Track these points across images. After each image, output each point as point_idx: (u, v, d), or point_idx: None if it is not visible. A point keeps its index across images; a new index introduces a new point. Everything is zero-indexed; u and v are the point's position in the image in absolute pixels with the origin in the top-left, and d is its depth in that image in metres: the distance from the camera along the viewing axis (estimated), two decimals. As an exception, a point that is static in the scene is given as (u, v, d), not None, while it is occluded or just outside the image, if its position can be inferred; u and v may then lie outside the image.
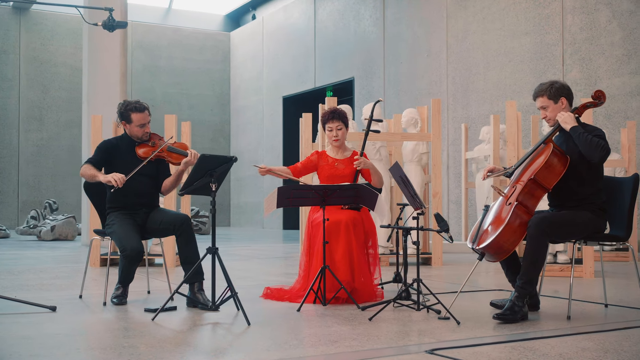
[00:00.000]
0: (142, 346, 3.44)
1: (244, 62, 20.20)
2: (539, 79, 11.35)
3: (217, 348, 3.41)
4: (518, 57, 11.82)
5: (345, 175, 5.28)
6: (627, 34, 10.16)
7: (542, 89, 4.43)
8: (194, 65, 20.37)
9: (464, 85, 12.86)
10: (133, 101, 4.93)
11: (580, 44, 10.81)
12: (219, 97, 20.68)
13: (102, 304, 4.81)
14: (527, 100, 11.53)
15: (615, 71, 10.28)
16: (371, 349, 3.41)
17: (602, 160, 4.14)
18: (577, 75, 10.81)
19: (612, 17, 10.37)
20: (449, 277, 6.68)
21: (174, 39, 20.09)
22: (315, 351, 3.35)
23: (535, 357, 3.18)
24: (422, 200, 4.29)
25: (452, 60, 13.15)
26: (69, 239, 13.20)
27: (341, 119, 5.28)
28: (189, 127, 8.44)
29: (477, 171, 10.61)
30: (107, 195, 4.94)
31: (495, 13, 12.32)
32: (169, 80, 19.93)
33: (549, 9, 11.32)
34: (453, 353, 3.29)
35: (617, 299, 5.00)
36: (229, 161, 4.36)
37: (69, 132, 18.37)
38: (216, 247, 4.34)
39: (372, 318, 4.21)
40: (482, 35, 12.54)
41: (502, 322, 4.08)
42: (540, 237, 4.10)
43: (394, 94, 14.40)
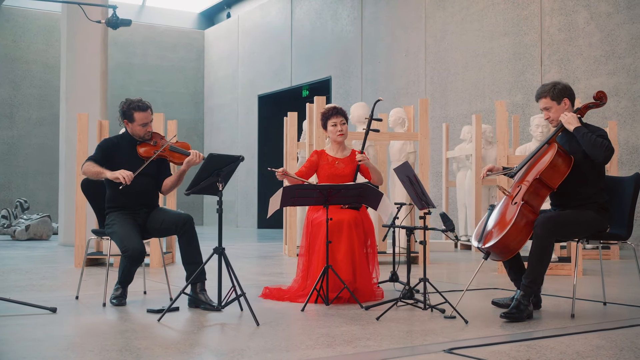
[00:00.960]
0: (157, 348, 3.41)
1: (218, 61, 20.09)
2: (518, 80, 11.49)
3: (235, 349, 3.38)
4: (497, 57, 11.95)
5: (346, 175, 5.28)
6: (605, 36, 10.33)
7: (545, 90, 4.48)
8: (168, 63, 20.20)
9: (443, 85, 12.96)
10: (136, 99, 4.87)
11: (559, 45, 10.97)
12: (192, 95, 20.54)
13: (102, 304, 4.75)
14: (506, 99, 11.65)
15: (594, 72, 10.44)
16: (388, 348, 3.42)
17: (607, 159, 4.20)
18: (555, 75, 10.96)
19: (590, 18, 10.53)
20: (438, 275, 6.74)
21: (147, 36, 19.90)
22: (334, 351, 3.34)
23: (554, 356, 3.22)
24: (431, 200, 4.31)
25: (431, 60, 13.24)
26: (43, 238, 13.00)
27: (343, 114, 5.30)
28: (175, 126, 8.39)
29: (458, 170, 10.71)
30: (107, 195, 4.88)
31: (473, 14, 12.43)
32: (142, 78, 19.73)
33: (528, 10, 11.46)
34: (472, 352, 3.31)
35: (612, 297, 5.07)
36: (236, 160, 4.34)
37: (40, 130, 18.07)
38: (223, 247, 4.31)
39: (379, 318, 4.22)
40: (460, 36, 12.65)
41: (509, 321, 4.11)
42: (547, 237, 4.15)
43: (371, 94, 14.44)
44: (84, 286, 5.77)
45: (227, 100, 19.69)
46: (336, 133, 5.30)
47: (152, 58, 19.99)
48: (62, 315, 4.40)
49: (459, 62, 12.65)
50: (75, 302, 4.94)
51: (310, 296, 4.69)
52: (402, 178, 4.52)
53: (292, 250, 8.92)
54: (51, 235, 13.29)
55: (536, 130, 7.21)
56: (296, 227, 9.06)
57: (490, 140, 10.10)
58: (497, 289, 5.62)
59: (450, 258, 8.76)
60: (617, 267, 7.56)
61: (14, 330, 3.89)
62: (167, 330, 3.91)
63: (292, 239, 8.96)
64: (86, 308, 4.71)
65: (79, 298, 5.08)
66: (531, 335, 3.74)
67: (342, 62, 15.46)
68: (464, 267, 7.67)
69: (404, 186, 4.56)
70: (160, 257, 7.44)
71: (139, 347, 3.41)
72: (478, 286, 5.80)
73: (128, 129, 4.88)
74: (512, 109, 11.59)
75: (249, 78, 18.76)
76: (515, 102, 11.56)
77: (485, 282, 6.11)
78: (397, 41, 14.00)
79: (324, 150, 5.43)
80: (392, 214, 4.91)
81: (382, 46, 14.36)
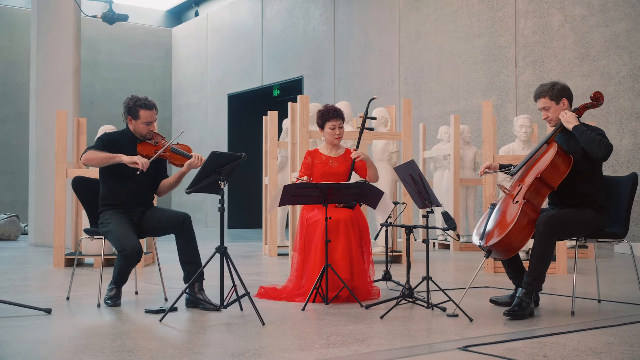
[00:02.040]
0: (169, 348, 3.34)
1: (186, 59, 19.91)
2: (493, 81, 11.61)
3: (248, 349, 3.33)
4: (471, 58, 12.05)
5: (340, 173, 5.27)
6: (579, 38, 10.49)
7: (544, 90, 4.52)
8: (135, 61, 19.94)
9: (417, 86, 13.02)
10: (142, 97, 4.79)
11: (533, 46, 11.11)
12: (160, 94, 20.31)
13: (97, 305, 4.65)
14: (481, 100, 11.77)
15: (568, 74, 10.60)
16: (402, 347, 3.41)
17: (606, 157, 4.25)
18: (529, 77, 11.10)
19: (565, 21, 10.69)
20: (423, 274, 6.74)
21: (113, 34, 19.58)
22: (349, 350, 3.32)
23: (568, 352, 3.24)
24: (436, 198, 4.31)
25: (405, 61, 13.29)
26: (11, 238, 12.71)
27: (342, 117, 5.29)
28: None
29: (435, 170, 10.76)
30: (101, 193, 4.78)
31: (448, 15, 12.52)
32: (108, 76, 19.44)
33: (502, 12, 11.58)
34: (486, 349, 3.32)
35: (603, 295, 5.13)
36: (238, 158, 4.29)
37: (3, 129, 17.67)
38: (225, 246, 4.26)
39: (383, 316, 4.21)
40: (434, 37, 12.73)
41: (511, 318, 4.14)
42: (549, 235, 4.19)
43: (344, 93, 14.45)
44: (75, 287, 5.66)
45: (195, 99, 19.52)
46: (334, 136, 5.29)
47: (118, 56, 19.71)
48: (58, 316, 4.30)
49: (433, 63, 12.74)
50: (67, 302, 4.83)
51: (310, 295, 4.66)
52: (403, 177, 4.51)
53: (272, 250, 8.86)
54: (19, 235, 12.99)
55: (520, 131, 7.28)
56: (277, 227, 9.01)
57: (468, 140, 10.18)
58: (489, 287, 5.66)
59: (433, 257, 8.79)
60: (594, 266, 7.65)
61: (15, 332, 3.78)
62: (172, 330, 3.84)
63: (272, 239, 8.90)
64: (81, 309, 4.61)
65: (70, 299, 4.96)
66: (539, 332, 3.76)
67: (314, 62, 15.44)
68: (441, 266, 7.70)
69: (405, 185, 4.56)
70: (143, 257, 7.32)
71: (150, 348, 3.35)
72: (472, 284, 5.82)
73: (130, 126, 4.79)
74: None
75: (218, 77, 18.62)
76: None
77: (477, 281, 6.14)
78: (370, 41, 14.03)
79: (317, 149, 5.40)
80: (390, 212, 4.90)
81: (355, 46, 14.38)
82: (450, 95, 12.39)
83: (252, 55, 17.33)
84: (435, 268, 7.36)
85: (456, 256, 8.94)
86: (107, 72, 19.42)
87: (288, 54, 16.22)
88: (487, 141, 6.87)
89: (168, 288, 5.19)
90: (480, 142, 11.53)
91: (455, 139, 9.79)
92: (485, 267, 6.81)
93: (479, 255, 8.90)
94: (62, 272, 6.95)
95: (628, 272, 6.85)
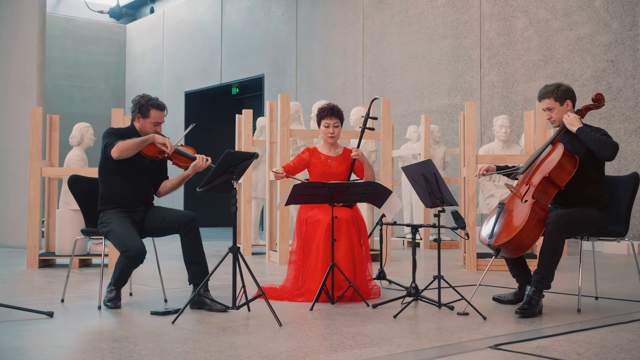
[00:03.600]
0: (199, 352, 3.27)
1: (142, 56, 19.56)
2: (457, 82, 11.77)
3: (280, 351, 3.29)
4: (436, 59, 12.19)
5: (339, 173, 5.25)
6: (543, 41, 10.72)
7: (549, 91, 4.59)
8: (88, 57, 19.49)
9: (381, 86, 13.10)
10: (153, 97, 4.69)
11: (498, 48, 11.30)
12: (113, 91, 19.91)
13: (97, 307, 4.52)
14: (445, 100, 11.92)
15: (532, 75, 10.82)
16: (432, 347, 3.41)
17: (613, 156, 4.34)
18: (494, 78, 11.29)
19: (529, 24, 10.91)
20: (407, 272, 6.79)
21: (66, 29, 19.13)
22: (382, 350, 3.31)
23: (597, 350, 3.30)
24: (452, 198, 4.32)
25: (368, 61, 13.36)
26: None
27: (339, 116, 5.25)
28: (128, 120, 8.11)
29: (404, 170, 10.83)
30: (101, 192, 4.65)
31: (412, 16, 12.63)
32: (60, 72, 18.95)
33: (467, 14, 11.74)
34: (517, 347, 3.35)
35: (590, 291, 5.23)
36: (251, 157, 4.23)
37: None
38: (238, 246, 4.19)
39: (396, 316, 4.21)
40: (399, 37, 12.82)
41: (522, 316, 4.19)
42: (559, 233, 4.25)
43: (306, 92, 14.43)
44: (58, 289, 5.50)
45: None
46: (327, 134, 5.26)
47: (70, 52, 19.24)
48: (63, 319, 4.17)
49: (398, 63, 12.83)
50: (65, 305, 4.69)
51: (318, 295, 4.62)
52: (412, 176, 4.52)
53: (246, 249, 8.78)
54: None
55: (499, 131, 7.39)
56: (251, 226, 8.94)
57: (438, 139, 10.29)
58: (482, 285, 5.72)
59: (403, 255, 8.85)
60: (569, 263, 7.83)
61: (24, 336, 3.64)
62: (190, 332, 3.75)
63: (246, 238, 8.83)
64: (81, 311, 4.47)
65: (65, 301, 4.82)
66: (559, 330, 3.80)
67: (275, 61, 15.37)
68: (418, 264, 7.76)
69: (413, 184, 4.57)
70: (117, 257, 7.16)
71: (178, 351, 3.27)
72: (465, 283, 5.89)
73: (138, 125, 4.68)
74: (451, 110, 11.85)
75: (175, 74, 18.36)
76: (454, 103, 11.82)
77: (470, 279, 6.20)
78: (333, 41, 14.05)
79: (316, 148, 5.37)
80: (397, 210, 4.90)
81: (318, 46, 14.37)
82: (414, 95, 12.50)
83: (211, 53, 17.15)
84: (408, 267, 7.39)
85: (428, 254, 9.02)
86: (59, 69, 18.93)
87: (248, 52, 16.11)
88: (470, 141, 6.95)
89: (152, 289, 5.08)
90: (447, 141, 11.67)
91: (426, 138, 9.88)
92: (468, 266, 6.89)
93: (452, 252, 9.00)
94: (37, 273, 6.75)
95: (606, 269, 7.00)
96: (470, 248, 6.88)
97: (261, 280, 6.02)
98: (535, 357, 3.16)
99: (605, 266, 7.32)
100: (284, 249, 7.43)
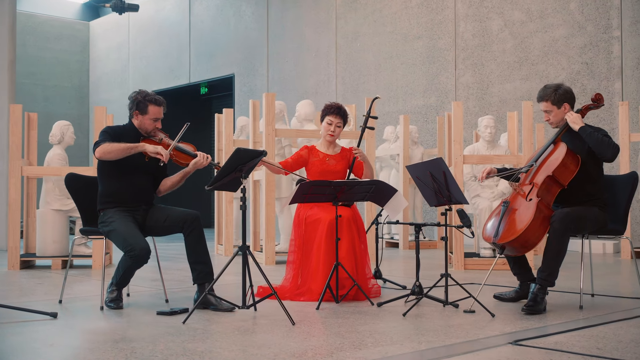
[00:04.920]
0: (221, 350, 3.23)
1: (106, 54, 19.26)
2: (432, 82, 11.86)
3: (305, 349, 3.27)
4: (410, 60, 12.26)
5: (338, 171, 5.24)
6: (518, 42, 10.87)
7: (547, 93, 4.64)
8: (50, 55, 19.10)
9: (354, 86, 13.13)
10: (151, 92, 4.60)
11: (473, 49, 11.42)
12: (77, 90, 19.55)
13: (100, 308, 4.43)
14: (420, 101, 12.00)
15: (507, 77, 10.96)
16: (453, 344, 3.43)
17: (614, 157, 4.42)
18: (469, 79, 11.41)
19: (504, 25, 11.05)
20: (396, 271, 6.83)
21: (27, 26, 18.71)
22: (405, 348, 3.31)
23: (614, 345, 3.36)
24: (461, 196, 4.34)
25: (342, 61, 13.37)
26: None
27: (343, 117, 5.26)
28: (111, 119, 8.01)
29: (381, 170, 10.87)
30: (101, 190, 4.56)
31: (386, 16, 12.68)
32: (21, 70, 18.47)
33: (442, 15, 11.84)
34: (537, 343, 3.39)
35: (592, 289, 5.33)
36: (259, 155, 4.20)
37: None
38: (247, 245, 4.16)
39: (405, 314, 4.23)
40: (373, 37, 12.87)
41: (528, 313, 4.24)
42: (565, 231, 4.32)
43: (278, 92, 14.36)
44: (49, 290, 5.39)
45: (115, 96, 18.90)
46: (328, 131, 5.25)
47: (32, 49, 18.83)
48: (68, 320, 4.09)
49: (372, 64, 12.87)
50: (66, 306, 4.59)
51: (323, 294, 4.60)
52: (417, 174, 4.53)
53: (228, 250, 8.70)
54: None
55: (485, 131, 7.46)
56: (232, 227, 8.87)
57: (416, 140, 10.35)
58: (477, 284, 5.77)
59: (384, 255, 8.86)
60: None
61: (35, 337, 3.55)
62: (205, 332, 3.70)
63: (228, 239, 8.75)
64: (84, 312, 4.40)
65: (62, 302, 4.71)
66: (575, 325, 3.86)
67: (246, 60, 15.28)
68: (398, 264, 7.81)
69: (417, 183, 4.58)
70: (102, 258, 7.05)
71: (200, 351, 3.22)
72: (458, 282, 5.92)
73: (136, 122, 4.58)
74: (426, 111, 11.94)
75: (141, 73, 18.11)
76: (429, 104, 11.91)
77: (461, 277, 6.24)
78: (306, 41, 14.03)
79: (314, 146, 5.36)
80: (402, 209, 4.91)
81: (290, 45, 14.33)
82: (389, 96, 12.56)
83: (179, 52, 16.96)
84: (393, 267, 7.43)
85: (408, 254, 9.06)
86: (20, 66, 18.45)
87: (218, 51, 15.98)
88: (457, 141, 7.01)
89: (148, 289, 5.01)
90: (422, 142, 11.75)
91: (404, 138, 9.94)
92: (456, 265, 6.94)
93: (431, 252, 9.07)
94: (21, 274, 6.59)
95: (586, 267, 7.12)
96: (458, 247, 6.94)
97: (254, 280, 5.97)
98: (558, 352, 3.20)
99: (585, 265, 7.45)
100: (269, 250, 7.39)
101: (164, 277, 5.12)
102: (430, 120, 11.84)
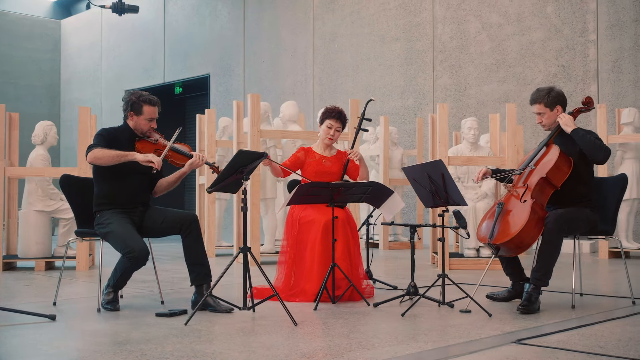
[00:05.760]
0: (230, 352, 3.24)
1: (78, 53, 19.03)
2: (410, 84, 11.95)
3: (315, 349, 3.30)
4: (388, 61, 12.34)
5: (334, 172, 5.28)
6: (496, 45, 11.01)
7: (540, 96, 4.73)
8: (22, 54, 18.82)
9: (332, 87, 13.17)
10: (144, 92, 4.57)
11: (450, 52, 11.54)
12: (48, 89, 19.30)
13: (97, 310, 4.41)
14: (397, 103, 12.09)
15: (485, 79, 11.10)
16: (456, 344, 3.49)
17: (606, 159, 4.53)
18: (447, 81, 11.52)
19: (482, 28, 11.19)
20: (379, 272, 6.88)
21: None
22: (412, 348, 3.36)
23: (615, 342, 3.45)
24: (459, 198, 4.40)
25: (319, 62, 13.41)
26: None
27: (343, 122, 5.31)
28: (94, 120, 7.94)
29: (360, 170, 10.92)
30: (97, 192, 4.53)
31: (364, 18, 12.75)
32: (-8, 68, 18.25)
33: (420, 17, 11.95)
34: (539, 341, 3.46)
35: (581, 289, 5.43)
36: (261, 157, 4.21)
37: None
38: (249, 246, 4.17)
39: (404, 314, 4.27)
40: (351, 39, 12.92)
41: (523, 312, 4.32)
42: (558, 232, 4.41)
43: (255, 92, 14.33)
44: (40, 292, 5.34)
45: (88, 95, 18.70)
46: (327, 134, 5.30)
47: (3, 47, 18.53)
48: (67, 322, 4.06)
49: (349, 65, 12.92)
50: (58, 308, 4.55)
51: (320, 295, 4.64)
52: (414, 176, 4.58)
53: (210, 251, 8.67)
54: None
55: (468, 133, 7.55)
56: (214, 227, 8.85)
57: (396, 141, 10.43)
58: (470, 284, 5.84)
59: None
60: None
61: (40, 340, 3.52)
62: (209, 333, 3.70)
63: (210, 240, 8.73)
64: (81, 314, 4.38)
65: (57, 304, 4.67)
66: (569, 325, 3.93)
67: (222, 60, 15.23)
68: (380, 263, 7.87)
69: (414, 184, 4.64)
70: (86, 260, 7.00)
71: (210, 352, 3.23)
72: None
73: (131, 122, 4.56)
74: (404, 112, 12.03)
75: (114, 72, 17.94)
76: (406, 105, 12.01)
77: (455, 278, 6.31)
78: (283, 42, 14.04)
79: (311, 147, 5.39)
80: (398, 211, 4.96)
81: (267, 46, 14.33)
82: (367, 97, 12.60)
83: (154, 52, 16.84)
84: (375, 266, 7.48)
85: (388, 254, 9.12)
86: (-10, 65, 18.23)
87: (193, 51, 15.90)
88: (442, 142, 7.09)
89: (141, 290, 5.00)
90: (400, 143, 11.84)
91: (385, 139, 10.01)
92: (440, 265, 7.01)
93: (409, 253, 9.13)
94: (5, 276, 6.52)
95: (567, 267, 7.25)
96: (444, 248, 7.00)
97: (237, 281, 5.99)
98: (563, 350, 3.27)
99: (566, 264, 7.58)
100: (254, 251, 7.38)
101: (153, 278, 5.10)
102: (408, 121, 11.94)
